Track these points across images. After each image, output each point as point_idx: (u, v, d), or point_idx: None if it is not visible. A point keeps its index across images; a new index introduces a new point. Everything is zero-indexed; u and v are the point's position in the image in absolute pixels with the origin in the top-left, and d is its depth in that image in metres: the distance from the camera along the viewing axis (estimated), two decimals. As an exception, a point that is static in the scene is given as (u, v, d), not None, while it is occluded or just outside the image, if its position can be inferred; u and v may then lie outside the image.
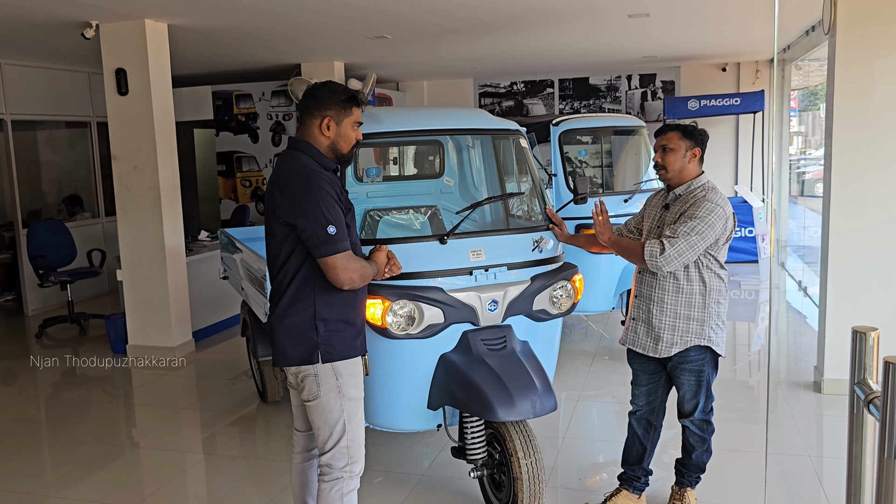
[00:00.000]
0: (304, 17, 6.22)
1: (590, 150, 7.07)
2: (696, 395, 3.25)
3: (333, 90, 2.69)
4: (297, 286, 2.64)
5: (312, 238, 2.54)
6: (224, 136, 10.46)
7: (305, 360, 2.66)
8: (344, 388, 2.69)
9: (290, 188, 2.57)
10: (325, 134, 2.67)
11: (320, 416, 2.70)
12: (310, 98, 2.70)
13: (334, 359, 2.66)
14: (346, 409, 2.69)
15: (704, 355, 3.22)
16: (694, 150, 3.18)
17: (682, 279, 3.16)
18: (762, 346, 6.71)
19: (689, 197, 3.15)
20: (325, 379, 2.66)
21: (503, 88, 12.11)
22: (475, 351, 3.27)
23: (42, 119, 8.98)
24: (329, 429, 2.70)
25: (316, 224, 2.52)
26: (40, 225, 7.78)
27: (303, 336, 2.65)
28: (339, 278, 2.58)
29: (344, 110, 2.69)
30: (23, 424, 5.12)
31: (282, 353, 2.69)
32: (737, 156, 11.19)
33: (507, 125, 3.81)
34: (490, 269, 3.33)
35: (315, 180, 2.57)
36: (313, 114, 2.68)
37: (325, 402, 2.68)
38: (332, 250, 2.55)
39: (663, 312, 3.19)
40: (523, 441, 3.15)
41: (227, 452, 4.45)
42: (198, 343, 6.77)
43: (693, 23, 7.21)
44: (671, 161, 3.17)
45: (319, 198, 2.54)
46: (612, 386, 5.54)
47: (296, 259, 2.63)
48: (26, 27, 6.25)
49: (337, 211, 2.58)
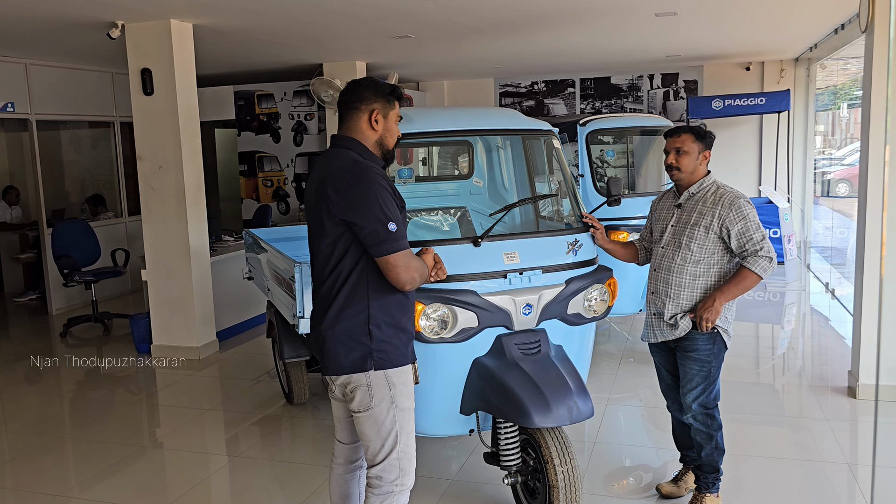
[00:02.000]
0: (329, 17, 6.19)
1: (616, 150, 6.99)
2: (700, 384, 3.31)
3: (376, 84, 2.63)
4: (350, 288, 2.53)
5: (372, 236, 2.43)
6: (246, 136, 10.47)
7: (358, 368, 2.54)
8: (397, 399, 2.59)
9: (345, 185, 2.46)
10: (375, 128, 2.60)
11: (371, 428, 2.59)
12: (351, 93, 2.62)
13: (387, 366, 2.56)
14: (398, 420, 2.59)
15: (713, 346, 3.29)
16: (705, 152, 3.34)
17: (700, 276, 3.28)
18: (788, 348, 6.60)
19: (704, 195, 3.30)
20: (378, 389, 2.56)
21: (524, 88, 12.04)
22: (509, 355, 3.23)
23: (66, 119, 9.02)
24: (380, 441, 2.60)
25: (376, 221, 2.42)
26: (65, 224, 7.82)
27: (355, 342, 2.54)
28: (400, 278, 2.47)
29: (389, 104, 2.63)
30: (47, 424, 5.12)
31: (333, 360, 2.57)
32: (760, 156, 11.04)
33: (540, 125, 3.75)
34: (524, 273, 3.28)
35: (372, 175, 2.48)
36: (360, 108, 2.60)
37: (377, 414, 2.57)
38: (394, 248, 2.44)
39: (678, 306, 3.30)
40: (559, 448, 3.10)
41: (252, 455, 4.43)
42: (221, 343, 6.77)
43: (721, 21, 7.10)
44: (685, 163, 3.31)
45: (378, 194, 2.44)
46: (639, 389, 5.48)
47: (350, 259, 2.52)
48: (52, 28, 6.27)
49: (395, 207, 2.49)
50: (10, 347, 7.27)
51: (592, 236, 3.57)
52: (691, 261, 3.27)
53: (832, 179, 13.74)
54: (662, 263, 3.36)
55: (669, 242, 3.35)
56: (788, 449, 4.33)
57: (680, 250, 3.29)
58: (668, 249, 3.35)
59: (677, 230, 3.33)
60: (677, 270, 3.30)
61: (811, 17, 6.98)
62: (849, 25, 7.15)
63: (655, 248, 3.45)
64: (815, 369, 5.89)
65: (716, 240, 3.24)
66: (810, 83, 10.51)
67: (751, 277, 3.19)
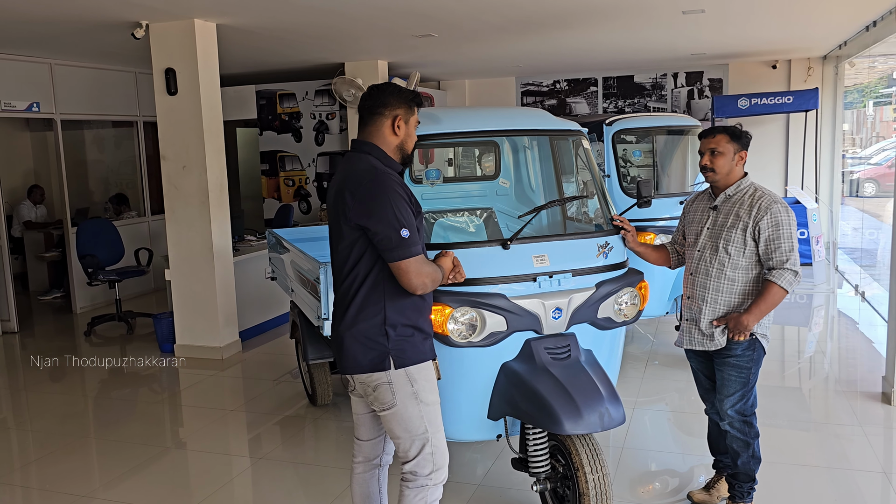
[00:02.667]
0: (352, 16, 6.15)
1: (642, 150, 6.89)
2: (737, 391, 3.24)
3: (400, 90, 2.67)
4: (366, 291, 2.58)
5: (385, 241, 2.48)
6: (267, 136, 10.48)
7: (377, 367, 2.58)
8: (420, 394, 2.62)
9: (361, 190, 2.51)
10: (397, 133, 2.64)
11: (399, 425, 2.63)
12: (375, 98, 2.65)
13: (406, 364, 2.60)
14: (425, 415, 2.63)
15: (751, 352, 3.22)
16: (741, 152, 3.24)
17: (739, 280, 3.21)
18: (817, 352, 6.47)
19: (741, 197, 3.21)
20: (400, 386, 2.60)
21: (546, 87, 11.95)
22: (538, 360, 3.17)
23: (90, 119, 9.07)
24: (410, 437, 2.64)
25: (389, 227, 2.47)
26: (89, 224, 7.85)
27: (373, 342, 2.58)
28: (411, 283, 2.52)
29: (410, 110, 2.68)
30: (72, 424, 5.13)
31: (351, 359, 2.62)
32: (787, 155, 10.87)
33: (569, 126, 3.69)
34: (554, 276, 3.22)
35: (387, 182, 2.52)
36: (383, 114, 2.63)
37: (402, 410, 2.61)
38: (406, 254, 2.49)
39: (716, 312, 3.23)
40: (590, 455, 3.03)
41: (276, 457, 4.40)
42: (244, 343, 6.76)
43: (749, 18, 6.98)
44: (721, 164, 3.22)
45: (392, 200, 2.49)
46: (665, 392, 5.40)
47: (365, 263, 2.57)
48: (77, 28, 6.29)
49: (409, 213, 2.53)
50: (35, 345, 7.32)
51: (623, 239, 3.50)
52: (729, 265, 3.19)
53: (859, 179, 13.52)
54: (699, 268, 3.28)
55: (706, 246, 3.27)
56: (821, 456, 4.22)
57: (717, 254, 3.21)
58: (704, 253, 3.27)
59: (714, 233, 3.25)
60: (715, 275, 3.22)
61: (843, 12, 6.84)
62: (881, 22, 7.00)
63: (690, 251, 3.37)
64: (846, 374, 5.76)
65: (753, 243, 3.15)
66: (838, 81, 10.32)
67: (779, 293, 3.11)
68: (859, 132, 13.32)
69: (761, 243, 3.12)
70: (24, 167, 10.46)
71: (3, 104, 7.59)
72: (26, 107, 7.85)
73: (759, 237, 3.12)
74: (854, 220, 12.67)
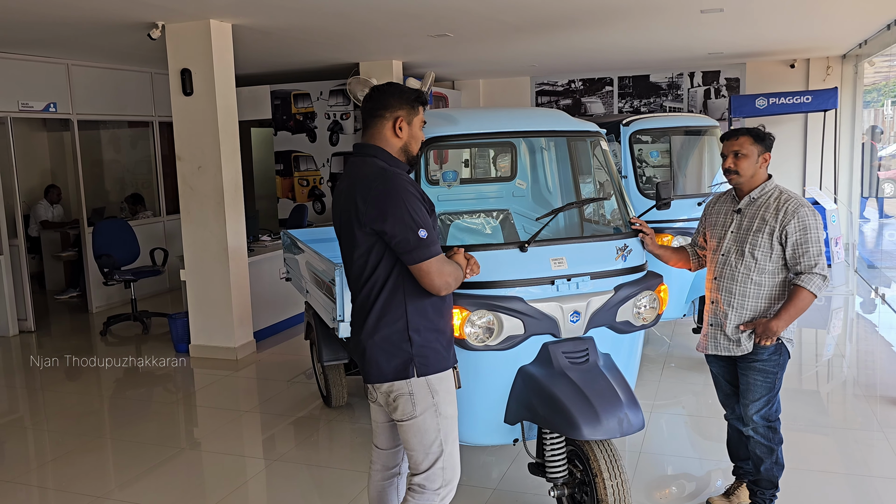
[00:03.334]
0: (369, 15, 6.14)
1: (659, 150, 6.83)
2: (763, 396, 3.19)
3: (401, 91, 2.60)
4: (386, 297, 2.52)
5: (403, 244, 2.41)
6: (282, 136, 10.49)
7: (400, 375, 2.52)
8: (440, 406, 2.56)
9: (373, 193, 2.44)
10: (399, 135, 2.57)
11: (415, 437, 2.57)
12: (375, 101, 2.59)
13: (429, 372, 2.54)
14: (442, 429, 2.57)
15: (777, 357, 3.17)
16: (765, 154, 3.18)
17: (765, 285, 3.15)
18: (836, 355, 6.39)
19: (766, 200, 3.15)
20: (422, 397, 2.54)
21: (560, 86, 11.89)
22: (556, 364, 3.13)
23: (106, 119, 9.11)
24: (425, 450, 2.57)
25: (406, 228, 2.40)
26: (105, 224, 7.89)
27: (396, 348, 2.52)
28: (434, 283, 2.46)
29: (413, 110, 2.60)
30: (88, 424, 5.14)
31: (375, 368, 2.55)
32: (805, 155, 10.76)
33: (588, 127, 3.64)
34: (572, 279, 3.18)
35: (398, 181, 2.45)
36: (384, 116, 2.57)
37: (421, 422, 2.55)
38: (425, 255, 2.42)
39: (742, 317, 3.18)
40: (608, 461, 2.99)
41: (290, 459, 4.39)
42: (258, 343, 6.76)
43: (768, 17, 6.90)
44: (745, 167, 3.16)
45: (406, 200, 2.42)
46: (682, 396, 5.35)
47: (384, 268, 2.51)
48: (94, 29, 6.31)
49: (424, 213, 2.46)
50: (52, 344, 7.36)
51: (642, 241, 3.46)
52: (756, 270, 3.13)
53: (878, 178, 13.34)
54: (724, 272, 3.22)
55: (730, 250, 3.21)
56: (842, 462, 4.16)
57: (743, 258, 3.16)
58: (729, 257, 3.21)
59: (739, 237, 3.19)
60: (741, 280, 3.16)
61: (865, 10, 6.74)
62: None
63: (714, 255, 3.31)
64: (865, 377, 5.68)
65: (780, 248, 3.10)
66: (858, 81, 10.20)
67: (807, 297, 3.04)
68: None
69: (788, 248, 3.07)
70: (41, 167, 10.53)
71: (21, 104, 7.64)
72: (43, 107, 7.90)
73: (786, 241, 3.07)
74: (873, 220, 12.51)
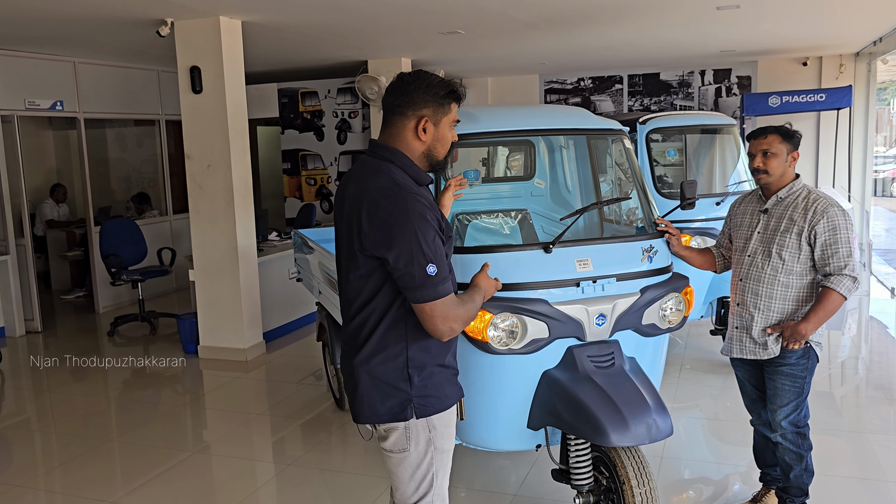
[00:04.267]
0: (380, 11, 6.04)
1: (676, 149, 6.73)
2: (792, 401, 3.11)
3: (429, 83, 2.20)
4: (384, 329, 2.19)
5: (407, 278, 2.08)
6: (289, 134, 10.41)
7: (397, 417, 2.22)
8: (437, 440, 2.29)
9: (381, 213, 2.08)
10: (422, 138, 2.21)
11: (406, 471, 2.30)
12: (399, 94, 2.20)
13: (429, 413, 2.25)
14: (435, 463, 2.30)
15: (806, 361, 3.09)
16: (794, 153, 3.11)
17: (793, 286, 3.07)
18: (851, 357, 6.29)
19: (794, 200, 3.07)
20: (417, 433, 2.26)
21: (570, 84, 11.78)
22: (581, 368, 3.04)
23: (112, 117, 9.04)
24: (415, 484, 2.31)
25: (412, 262, 2.06)
26: (112, 223, 7.81)
27: (393, 388, 2.21)
28: (437, 328, 2.12)
29: (442, 108, 2.22)
30: (95, 427, 5.06)
31: (367, 407, 2.24)
32: (817, 154, 10.64)
33: (611, 125, 3.55)
34: (598, 281, 3.09)
35: (413, 205, 2.08)
36: (406, 114, 2.20)
37: (414, 458, 2.28)
38: (431, 295, 2.09)
39: (769, 319, 3.10)
40: (636, 467, 2.90)
41: (302, 464, 4.30)
42: (268, 344, 6.68)
43: (784, 14, 6.79)
44: (774, 166, 3.07)
45: (419, 228, 2.07)
46: (699, 398, 5.27)
47: (384, 297, 2.18)
48: (102, 26, 6.23)
49: (437, 245, 2.11)
50: (59, 345, 7.28)
51: (667, 242, 3.37)
52: (783, 271, 3.04)
53: (885, 178, 13.24)
54: (750, 273, 3.14)
55: (757, 251, 3.13)
56: (858, 467, 4.07)
57: (770, 259, 3.07)
58: (755, 258, 3.13)
59: (765, 238, 3.11)
60: (768, 281, 3.08)
61: (880, 8, 6.63)
62: (922, 17, 6.79)
63: (740, 256, 3.22)
64: (882, 381, 5.57)
65: (808, 248, 3.01)
66: (871, 79, 10.08)
67: (837, 299, 2.95)
68: (882, 130, 13.05)
69: (817, 248, 2.98)
70: (47, 166, 10.47)
71: (27, 103, 7.56)
72: (50, 105, 7.82)
73: (814, 242, 2.98)
74: (884, 220, 12.41)
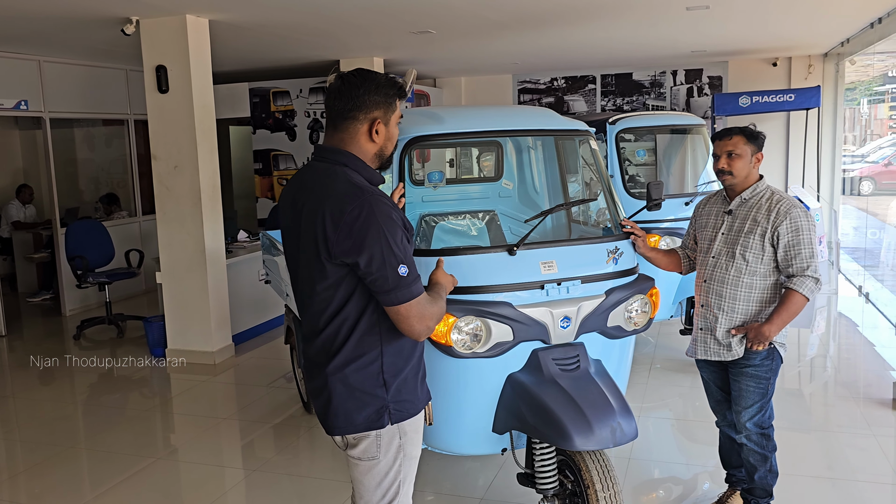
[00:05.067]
0: (349, 11, 6.00)
1: (645, 149, 6.76)
2: (756, 403, 3.12)
3: (378, 84, 2.15)
4: (359, 337, 2.14)
5: (380, 282, 2.05)
6: (261, 134, 10.30)
7: (373, 425, 2.18)
8: (406, 447, 2.26)
9: (346, 218, 2.03)
10: (375, 140, 2.18)
11: (373, 479, 2.26)
12: (348, 98, 2.14)
13: (404, 418, 2.22)
14: (403, 469, 2.27)
15: (770, 362, 3.10)
16: (758, 154, 3.12)
17: (757, 287, 3.08)
18: (820, 355, 6.36)
19: (758, 201, 3.08)
20: (389, 440, 2.23)
21: (543, 84, 11.80)
22: (546, 371, 3.02)
23: (80, 117, 8.88)
24: (381, 492, 2.26)
25: (385, 265, 2.03)
26: (78, 224, 7.68)
27: (369, 396, 2.17)
28: (413, 329, 2.11)
29: (391, 107, 2.19)
30: (61, 433, 4.96)
31: (343, 418, 2.18)
32: (787, 154, 10.76)
33: (578, 126, 3.54)
34: (563, 283, 3.08)
35: (378, 207, 2.05)
36: (357, 118, 2.15)
37: (383, 465, 2.24)
38: (405, 296, 2.07)
39: (733, 321, 3.10)
40: (601, 471, 2.89)
41: (270, 469, 4.25)
42: (237, 347, 6.60)
43: (753, 15, 6.85)
44: (739, 167, 3.08)
45: (387, 230, 2.03)
46: (669, 398, 5.29)
47: (356, 304, 2.13)
48: (66, 24, 6.11)
49: (405, 244, 2.09)
50: (24, 348, 7.14)
51: (633, 244, 3.37)
52: (747, 272, 3.05)
53: (855, 177, 13.41)
54: (714, 275, 3.14)
55: (721, 252, 3.13)
56: (833, 467, 4.10)
57: (734, 261, 3.08)
58: (719, 260, 3.13)
59: (729, 239, 3.11)
60: (731, 282, 3.09)
61: (850, 8, 6.71)
62: (887, 19, 6.88)
63: (704, 257, 3.23)
64: (851, 379, 5.64)
65: (772, 249, 3.02)
66: (839, 79, 10.21)
67: (800, 301, 2.97)
68: (854, 130, 13.24)
69: (780, 249, 2.99)
70: (13, 166, 10.27)
71: (-10, 102, 7.41)
72: (14, 105, 7.66)
73: (777, 243, 2.99)
74: (852, 218, 12.58)
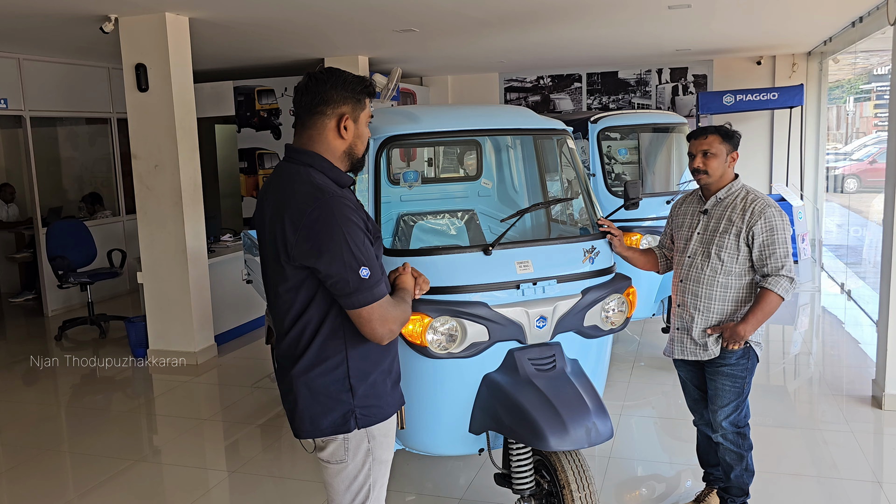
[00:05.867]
0: (331, 8, 5.97)
1: (627, 147, 6.77)
2: (732, 402, 3.13)
3: (345, 80, 2.14)
4: (322, 340, 2.12)
5: (341, 285, 2.02)
6: (246, 133, 10.25)
7: (339, 430, 2.16)
8: (375, 451, 2.24)
9: (306, 221, 2.01)
10: (344, 136, 2.15)
11: (342, 482, 2.24)
12: (313, 93, 2.12)
13: (371, 423, 2.19)
14: (373, 474, 2.25)
15: (746, 361, 3.11)
16: (733, 153, 3.12)
17: (732, 287, 3.09)
18: (803, 353, 6.39)
19: (733, 201, 3.08)
20: (357, 443, 2.21)
21: (529, 83, 11.80)
22: (522, 371, 3.02)
23: (61, 115, 8.81)
24: (351, 495, 2.25)
25: (345, 267, 2.00)
26: (60, 224, 7.61)
27: (334, 401, 2.14)
28: (375, 332, 2.07)
29: (359, 104, 2.17)
30: (43, 434, 4.92)
31: (309, 422, 2.16)
32: (771, 152, 10.80)
33: (555, 125, 3.54)
34: (538, 283, 3.07)
35: (338, 209, 2.02)
36: (325, 113, 2.13)
37: (352, 469, 2.22)
38: (367, 299, 2.03)
39: (708, 320, 3.11)
40: (576, 471, 2.89)
41: (252, 470, 4.23)
42: (219, 347, 6.57)
43: (735, 13, 6.87)
44: (714, 166, 3.08)
45: (347, 232, 2.01)
46: (652, 396, 5.30)
47: (318, 308, 2.11)
48: (44, 21, 6.05)
49: (367, 246, 2.07)
50: (6, 349, 7.09)
51: (610, 243, 3.36)
52: (722, 271, 3.06)
53: (840, 175, 13.49)
54: (690, 274, 3.15)
55: (696, 252, 3.14)
56: (812, 464, 4.12)
57: (709, 260, 3.08)
58: (695, 259, 3.14)
59: (705, 238, 3.12)
60: (707, 282, 3.09)
61: (830, 7, 6.74)
62: (868, 18, 6.91)
63: (680, 257, 3.23)
64: (833, 376, 5.67)
65: (747, 249, 3.03)
66: (823, 77, 10.27)
67: (775, 300, 2.98)
68: (839, 128, 13.32)
69: (755, 249, 3.00)
70: (-5, 165, 10.18)
71: (-31, 101, 7.34)
72: (-7, 103, 7.60)
73: (752, 242, 3.00)
74: (837, 216, 12.65)
